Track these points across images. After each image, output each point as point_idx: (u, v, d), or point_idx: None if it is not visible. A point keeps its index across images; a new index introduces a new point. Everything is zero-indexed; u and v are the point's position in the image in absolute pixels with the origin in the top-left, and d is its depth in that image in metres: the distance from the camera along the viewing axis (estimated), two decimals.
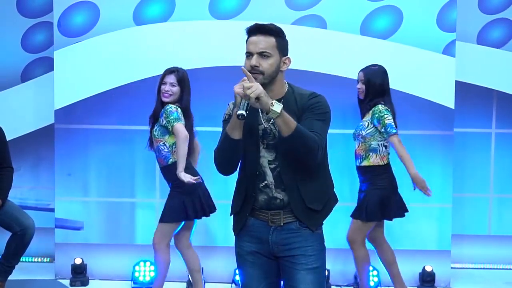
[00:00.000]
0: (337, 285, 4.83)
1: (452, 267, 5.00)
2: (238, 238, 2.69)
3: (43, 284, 4.91)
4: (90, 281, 4.92)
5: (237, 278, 4.56)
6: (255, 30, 2.53)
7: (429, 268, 4.80)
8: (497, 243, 5.35)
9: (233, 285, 4.78)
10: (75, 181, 5.02)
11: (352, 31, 4.83)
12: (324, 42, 4.83)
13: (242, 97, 2.39)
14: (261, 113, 2.55)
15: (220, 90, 4.47)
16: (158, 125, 4.10)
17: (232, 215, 2.71)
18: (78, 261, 4.86)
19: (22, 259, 4.45)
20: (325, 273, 2.66)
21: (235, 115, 2.42)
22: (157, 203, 4.93)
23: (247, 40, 2.55)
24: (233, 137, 2.48)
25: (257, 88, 2.37)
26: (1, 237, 4.43)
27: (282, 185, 2.55)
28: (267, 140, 2.57)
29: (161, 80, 4.16)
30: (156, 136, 4.11)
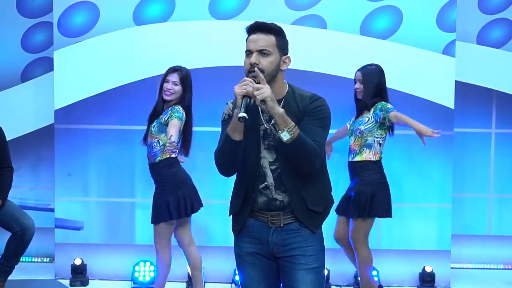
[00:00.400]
0: (337, 285, 4.83)
1: (452, 267, 5.00)
2: (237, 238, 2.67)
3: (43, 284, 4.91)
4: (90, 281, 4.93)
5: (237, 278, 4.56)
6: (255, 29, 2.52)
7: (429, 269, 4.80)
8: (497, 243, 5.35)
9: (233, 285, 4.79)
10: (75, 181, 5.02)
11: (352, 31, 4.83)
12: (324, 42, 4.83)
13: (242, 97, 2.37)
14: (261, 114, 2.54)
15: (220, 90, 4.47)
16: (158, 122, 4.10)
17: (231, 216, 2.69)
18: (78, 261, 4.86)
19: (22, 259, 4.44)
20: (324, 273, 2.65)
21: (236, 117, 2.40)
22: None
23: (247, 39, 2.54)
24: (234, 139, 2.46)
25: (266, 91, 2.36)
26: (1, 237, 4.42)
27: (283, 186, 2.54)
28: (267, 140, 2.55)
29: (164, 78, 4.15)
30: (152, 132, 4.12)
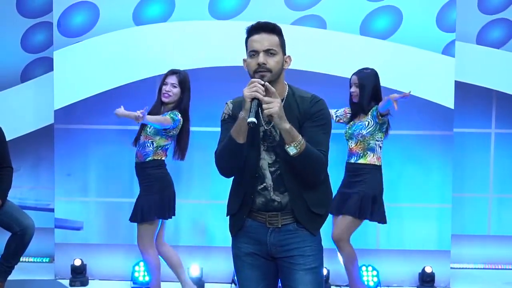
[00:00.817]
0: (336, 285, 4.83)
1: (451, 267, 5.00)
2: (235, 239, 2.66)
3: (42, 284, 4.91)
4: (89, 281, 4.93)
5: None
6: (258, 29, 2.50)
7: (428, 269, 4.80)
8: (496, 243, 5.35)
9: (233, 285, 4.78)
10: (74, 181, 5.02)
11: (352, 31, 4.83)
12: (323, 42, 4.83)
13: (251, 100, 2.36)
14: (261, 115, 2.50)
15: (220, 90, 4.51)
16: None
17: (228, 216, 2.68)
18: (77, 262, 4.86)
19: (22, 259, 4.45)
20: (323, 273, 2.65)
21: (241, 120, 2.39)
22: None
23: (247, 39, 2.53)
24: (238, 141, 2.44)
25: (274, 107, 2.35)
26: (1, 237, 4.42)
27: (281, 187, 2.53)
28: (267, 142, 2.55)
29: (162, 80, 4.20)
30: (148, 133, 4.13)
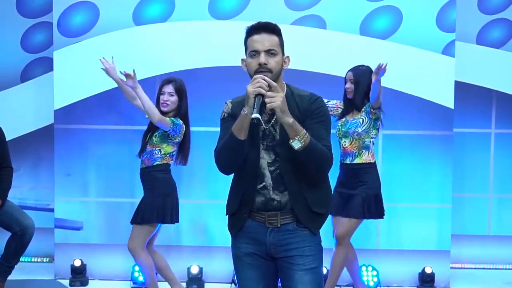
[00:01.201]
0: (336, 285, 4.83)
1: (451, 267, 5.00)
2: (235, 239, 2.65)
3: (42, 284, 4.91)
4: (89, 281, 4.93)
5: None
6: (259, 29, 2.50)
7: (428, 269, 4.79)
8: (496, 243, 5.35)
9: (233, 285, 4.78)
10: (74, 181, 5.02)
11: (352, 31, 4.83)
12: (323, 42, 4.83)
13: (255, 96, 2.35)
14: (265, 111, 2.49)
15: (219, 90, 4.51)
16: (160, 132, 4.13)
17: (228, 216, 2.67)
18: (77, 262, 4.86)
19: (21, 259, 4.45)
20: (322, 273, 2.64)
21: (244, 116, 2.39)
22: None
23: (247, 39, 2.53)
24: (239, 138, 2.43)
25: (277, 100, 2.35)
26: (1, 237, 4.42)
27: (281, 186, 2.53)
28: (266, 141, 2.54)
29: (159, 90, 4.25)
30: (154, 141, 4.16)
